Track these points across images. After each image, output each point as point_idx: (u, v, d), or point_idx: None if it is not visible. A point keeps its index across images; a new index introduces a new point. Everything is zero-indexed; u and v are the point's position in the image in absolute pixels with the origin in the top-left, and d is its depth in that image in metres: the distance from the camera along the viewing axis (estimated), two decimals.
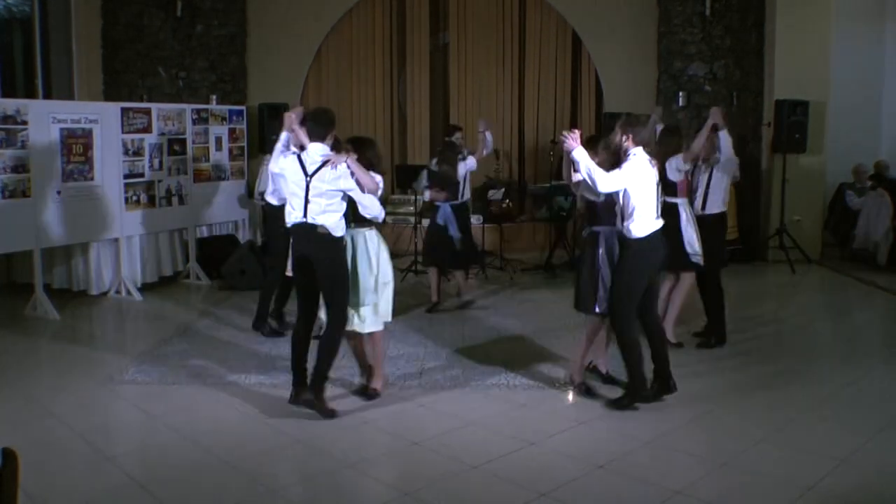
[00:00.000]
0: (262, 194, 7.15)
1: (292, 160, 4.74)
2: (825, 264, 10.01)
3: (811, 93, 9.85)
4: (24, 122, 6.91)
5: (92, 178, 7.55)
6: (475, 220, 10.58)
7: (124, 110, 7.99)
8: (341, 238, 4.71)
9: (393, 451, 4.28)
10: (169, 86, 10.64)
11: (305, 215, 4.63)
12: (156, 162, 8.26)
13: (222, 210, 9.19)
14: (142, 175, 8.11)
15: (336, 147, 4.83)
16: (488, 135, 7.93)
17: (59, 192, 7.25)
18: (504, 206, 8.95)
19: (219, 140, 9.09)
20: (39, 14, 9.89)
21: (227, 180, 9.23)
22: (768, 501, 3.74)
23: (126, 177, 7.93)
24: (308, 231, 4.64)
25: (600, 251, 4.89)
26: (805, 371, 5.81)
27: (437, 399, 5.06)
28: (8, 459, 2.19)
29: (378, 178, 4.81)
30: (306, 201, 4.62)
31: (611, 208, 4.87)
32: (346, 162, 4.59)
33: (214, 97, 10.47)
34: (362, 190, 4.68)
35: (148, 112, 8.22)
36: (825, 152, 10.27)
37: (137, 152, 8.05)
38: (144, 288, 8.25)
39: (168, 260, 8.78)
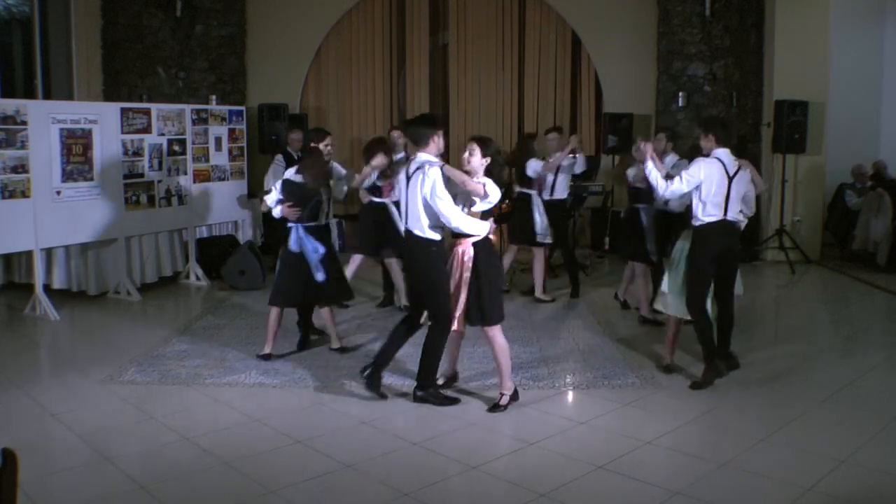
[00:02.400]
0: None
1: None
2: (825, 265, 10.01)
3: (811, 93, 9.86)
4: (24, 123, 6.90)
5: (92, 179, 7.55)
6: None
7: (124, 110, 7.99)
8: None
9: (393, 451, 4.28)
10: (168, 86, 10.65)
11: None
12: (155, 162, 8.26)
13: (222, 210, 9.18)
14: (142, 175, 8.11)
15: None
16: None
17: (58, 193, 7.25)
18: (504, 206, 8.93)
19: (218, 140, 9.09)
20: (39, 14, 9.90)
21: (227, 180, 9.23)
22: (768, 501, 3.74)
23: (126, 177, 7.93)
24: None
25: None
26: (805, 371, 5.82)
27: None
28: (8, 459, 2.18)
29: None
30: None
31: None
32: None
33: (214, 97, 10.47)
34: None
35: (148, 112, 8.22)
36: (825, 152, 10.28)
37: (137, 152, 8.05)
38: (144, 288, 8.25)
39: (168, 260, 8.78)
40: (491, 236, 4.82)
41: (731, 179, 5.25)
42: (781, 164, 9.90)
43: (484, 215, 4.74)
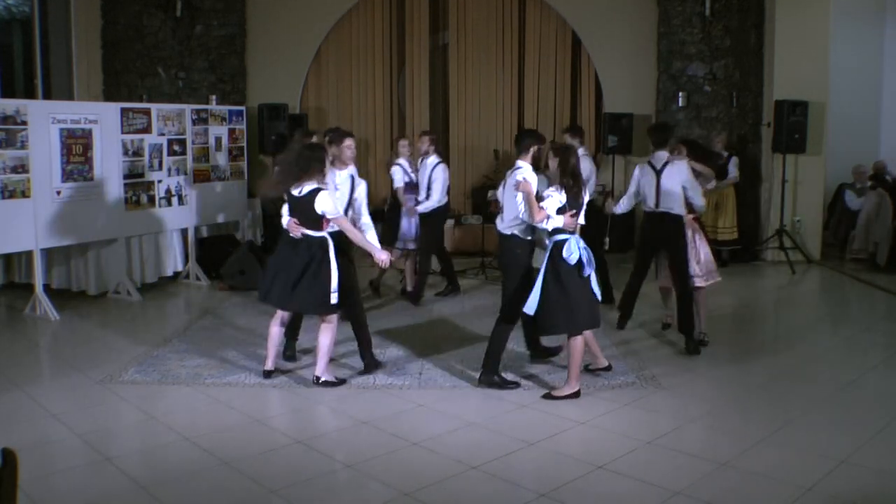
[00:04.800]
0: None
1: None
2: (825, 265, 10.01)
3: (811, 93, 9.85)
4: (24, 123, 6.90)
5: (92, 179, 7.55)
6: (475, 220, 10.61)
7: (124, 110, 7.99)
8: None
9: (393, 451, 4.28)
10: (169, 86, 10.64)
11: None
12: (155, 162, 8.26)
13: (222, 210, 9.18)
14: (142, 175, 8.11)
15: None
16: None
17: (58, 192, 7.25)
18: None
19: (218, 140, 9.09)
20: (39, 14, 9.89)
21: (227, 180, 9.23)
22: (768, 501, 3.73)
23: (126, 177, 7.93)
24: None
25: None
26: (804, 371, 5.81)
27: (437, 399, 5.06)
28: (8, 459, 2.19)
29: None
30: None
31: None
32: None
33: (214, 97, 10.47)
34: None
35: (148, 112, 8.22)
36: (825, 152, 10.28)
37: (137, 152, 8.05)
38: (144, 288, 8.25)
39: (168, 260, 8.77)
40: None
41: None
42: (781, 164, 9.90)
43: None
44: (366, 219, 5.61)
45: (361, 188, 5.65)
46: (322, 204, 5.04)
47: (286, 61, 10.99)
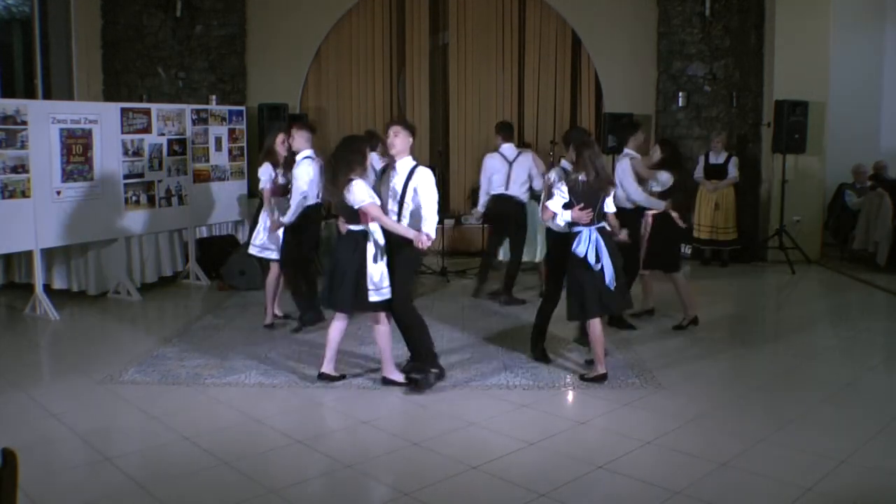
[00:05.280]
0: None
1: None
2: (825, 265, 10.01)
3: (811, 93, 9.85)
4: (24, 123, 6.90)
5: (92, 179, 7.55)
6: (475, 220, 10.60)
7: (124, 110, 7.99)
8: None
9: (393, 451, 4.28)
10: (169, 86, 10.65)
11: None
12: (155, 162, 8.26)
13: (222, 210, 9.18)
14: (142, 175, 8.11)
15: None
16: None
17: (58, 193, 7.25)
18: None
19: (218, 140, 9.09)
20: (39, 14, 9.89)
21: (227, 180, 9.23)
22: (768, 501, 3.73)
23: (126, 177, 7.93)
24: None
25: None
26: (804, 371, 5.81)
27: (437, 399, 5.06)
28: (8, 459, 2.18)
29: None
30: None
31: None
32: None
33: (214, 97, 10.47)
34: None
35: (148, 112, 8.21)
36: (825, 152, 10.28)
37: (137, 152, 8.05)
38: (144, 288, 8.25)
39: (168, 260, 8.78)
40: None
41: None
42: (781, 164, 9.89)
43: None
44: (425, 210, 5.14)
45: (419, 177, 5.14)
46: (352, 194, 4.93)
47: (286, 61, 10.99)
